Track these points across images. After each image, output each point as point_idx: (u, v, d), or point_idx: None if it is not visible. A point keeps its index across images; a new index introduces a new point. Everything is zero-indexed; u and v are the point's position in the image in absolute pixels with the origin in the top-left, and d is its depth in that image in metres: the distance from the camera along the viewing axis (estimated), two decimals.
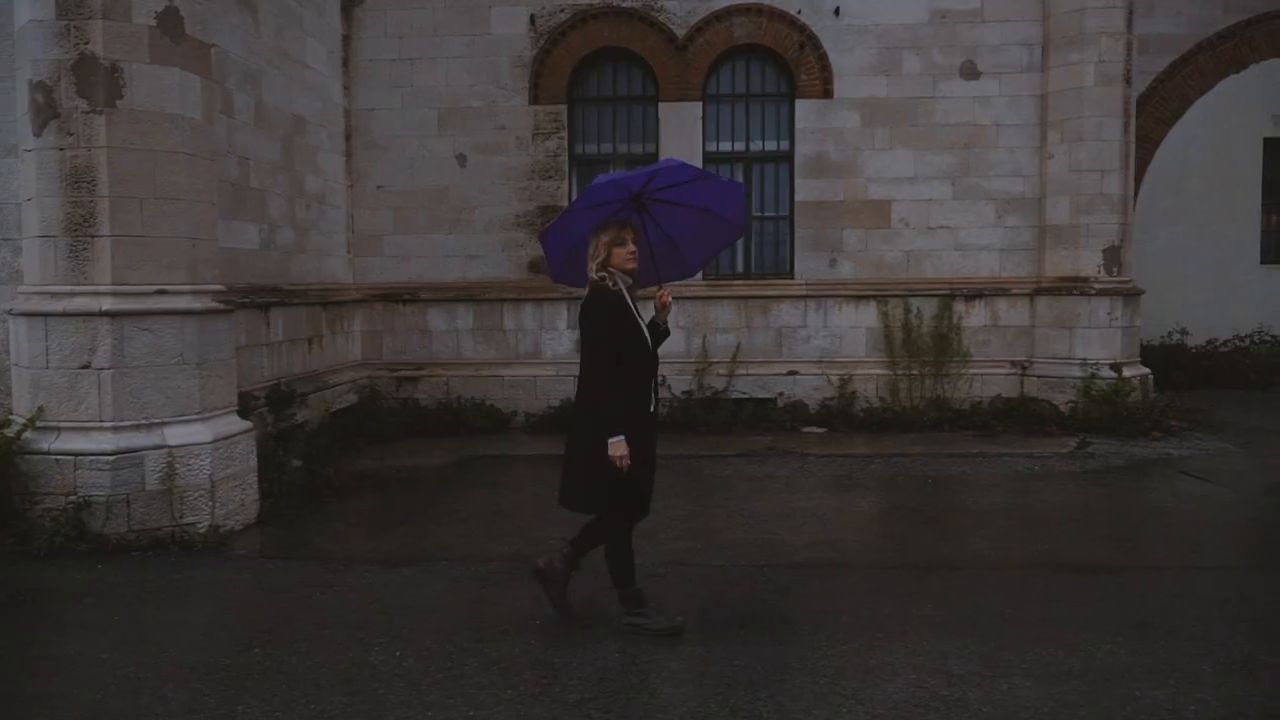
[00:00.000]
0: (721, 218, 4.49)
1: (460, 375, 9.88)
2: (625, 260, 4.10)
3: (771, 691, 3.67)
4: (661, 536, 5.99)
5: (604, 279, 4.07)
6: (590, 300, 4.10)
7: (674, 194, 4.33)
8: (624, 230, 4.12)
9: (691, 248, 4.61)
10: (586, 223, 4.19)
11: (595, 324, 4.06)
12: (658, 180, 4.22)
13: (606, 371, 4.02)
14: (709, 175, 4.48)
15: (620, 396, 4.01)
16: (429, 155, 9.91)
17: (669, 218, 4.42)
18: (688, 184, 4.30)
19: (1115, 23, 9.11)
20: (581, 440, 4.13)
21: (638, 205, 4.27)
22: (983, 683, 3.72)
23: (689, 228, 4.49)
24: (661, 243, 4.47)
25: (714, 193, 4.41)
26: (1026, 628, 4.29)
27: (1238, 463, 8.10)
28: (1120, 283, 9.34)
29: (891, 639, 4.18)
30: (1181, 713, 3.45)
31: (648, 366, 4.17)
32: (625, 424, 3.99)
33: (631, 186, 4.19)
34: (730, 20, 9.72)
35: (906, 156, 9.69)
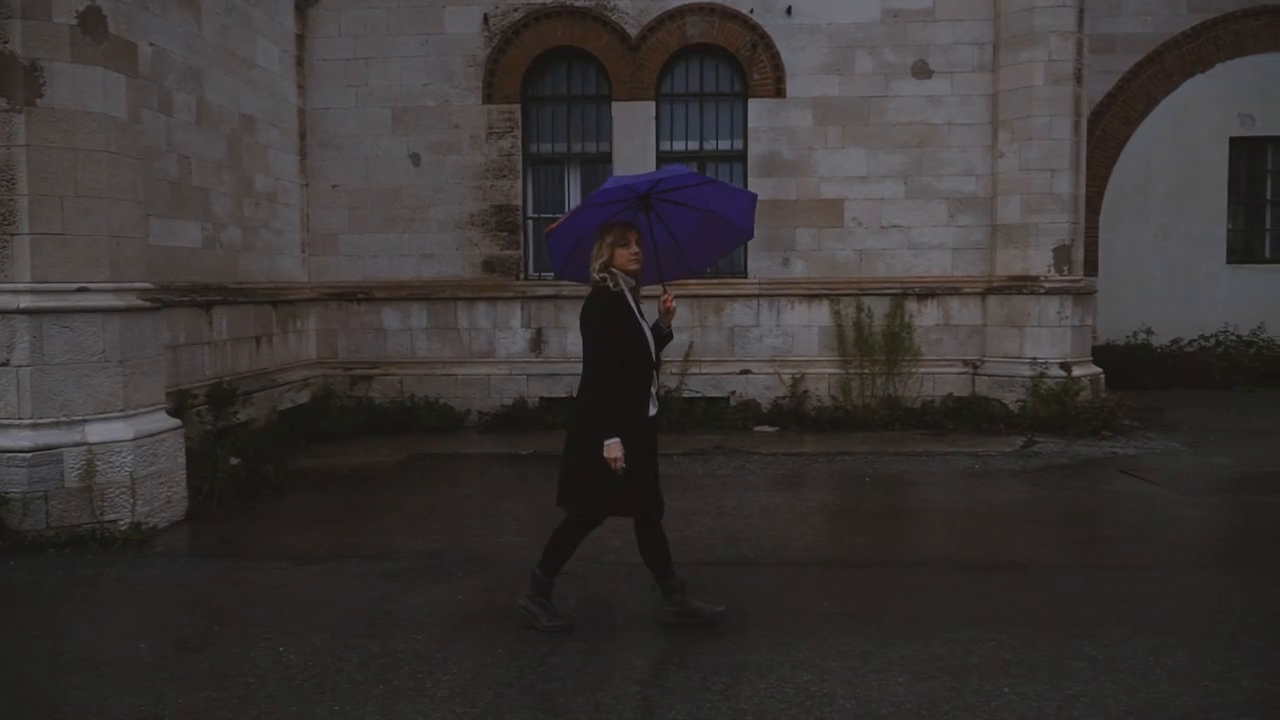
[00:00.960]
0: (730, 221, 4.48)
1: (414, 374, 9.90)
2: (628, 261, 4.09)
3: (643, 687, 3.69)
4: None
5: (606, 279, 4.07)
6: (592, 300, 4.10)
7: (682, 195, 4.34)
8: (628, 231, 4.12)
9: (697, 248, 4.60)
10: (593, 220, 4.21)
11: (597, 324, 4.07)
12: (665, 183, 4.22)
13: (608, 372, 4.01)
14: (720, 182, 4.49)
15: (622, 398, 4.00)
16: (383, 154, 9.93)
17: (676, 218, 4.42)
18: (696, 187, 4.32)
19: (1065, 22, 9.11)
20: (581, 441, 4.11)
21: (645, 204, 4.29)
22: (855, 679, 3.72)
23: (693, 228, 4.49)
24: (666, 242, 4.49)
25: (725, 197, 4.41)
26: (918, 625, 4.29)
27: (1183, 462, 8.10)
28: (1070, 282, 9.33)
29: (780, 636, 4.18)
30: (1044, 709, 3.46)
31: (648, 368, 4.16)
32: (625, 425, 3.98)
33: (639, 188, 4.20)
34: (683, 20, 9.73)
35: (859, 155, 9.70)
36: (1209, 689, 3.61)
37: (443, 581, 4.98)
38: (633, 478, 4.04)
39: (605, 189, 4.09)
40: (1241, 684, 3.65)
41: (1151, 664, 3.84)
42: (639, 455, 4.05)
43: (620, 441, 3.95)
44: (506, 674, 3.80)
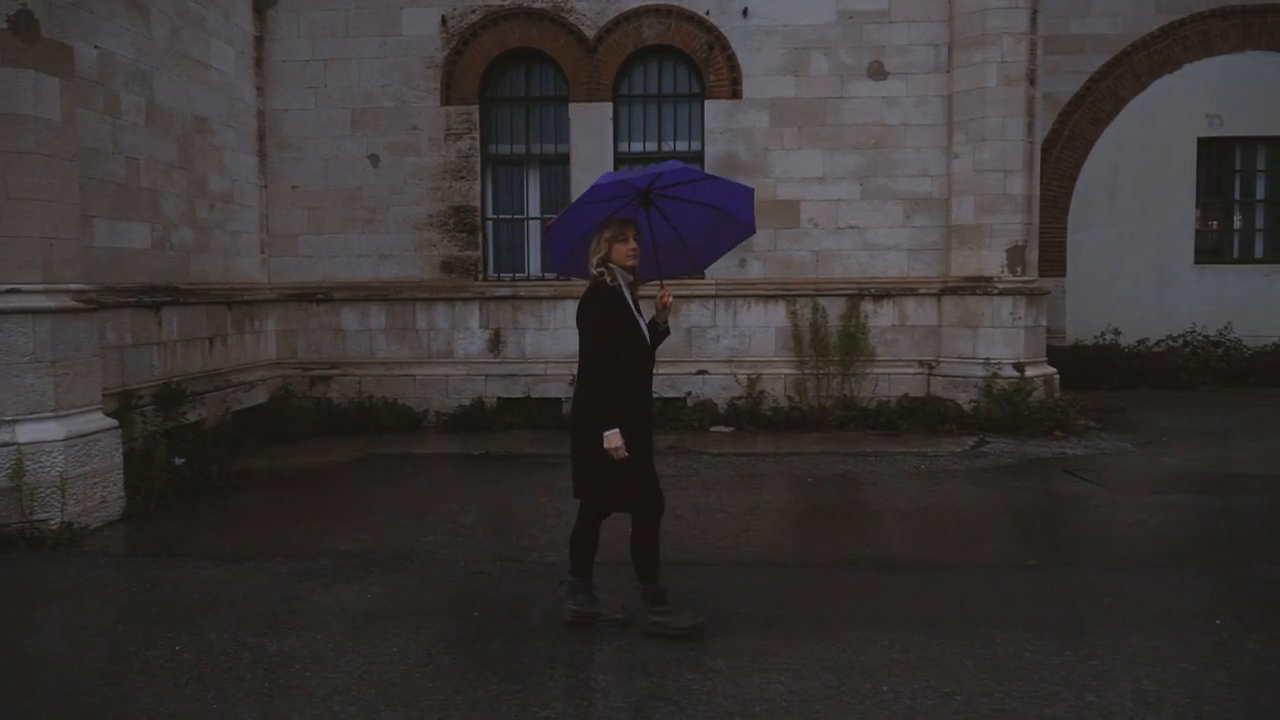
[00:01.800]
0: (732, 217, 4.47)
1: (373, 374, 9.93)
2: (626, 257, 4.11)
3: (524, 686, 3.70)
4: (513, 532, 6.05)
5: (603, 274, 4.09)
6: (589, 295, 4.12)
7: (683, 191, 4.34)
8: (626, 227, 4.13)
9: (700, 243, 4.60)
10: (592, 216, 4.21)
11: (594, 319, 4.08)
12: (665, 179, 4.21)
13: (604, 366, 4.04)
14: (717, 177, 4.47)
15: (619, 391, 4.02)
16: (342, 155, 9.96)
17: (678, 214, 4.42)
18: (696, 183, 4.32)
19: (1018, 23, 9.13)
20: (581, 437, 4.13)
21: (645, 200, 4.29)
22: (739, 677, 3.75)
23: (699, 223, 4.48)
24: (667, 238, 4.48)
25: (725, 193, 4.40)
26: (820, 624, 4.32)
27: (1130, 462, 8.12)
28: (1024, 282, 9.35)
29: (672, 634, 4.22)
30: (916, 708, 3.48)
31: (645, 363, 4.18)
32: (624, 421, 4.00)
33: (638, 184, 4.20)
34: (639, 21, 9.75)
35: (815, 156, 9.72)
36: (1086, 688, 3.63)
37: (357, 581, 5.01)
38: (632, 473, 4.08)
39: (600, 184, 4.09)
40: (1119, 684, 3.67)
41: (1036, 663, 3.86)
42: (637, 451, 4.08)
43: (620, 432, 3.97)
44: (394, 673, 3.83)
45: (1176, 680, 3.69)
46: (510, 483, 7.55)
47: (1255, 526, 6.09)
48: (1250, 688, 3.62)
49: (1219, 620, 4.31)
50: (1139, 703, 3.50)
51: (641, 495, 4.18)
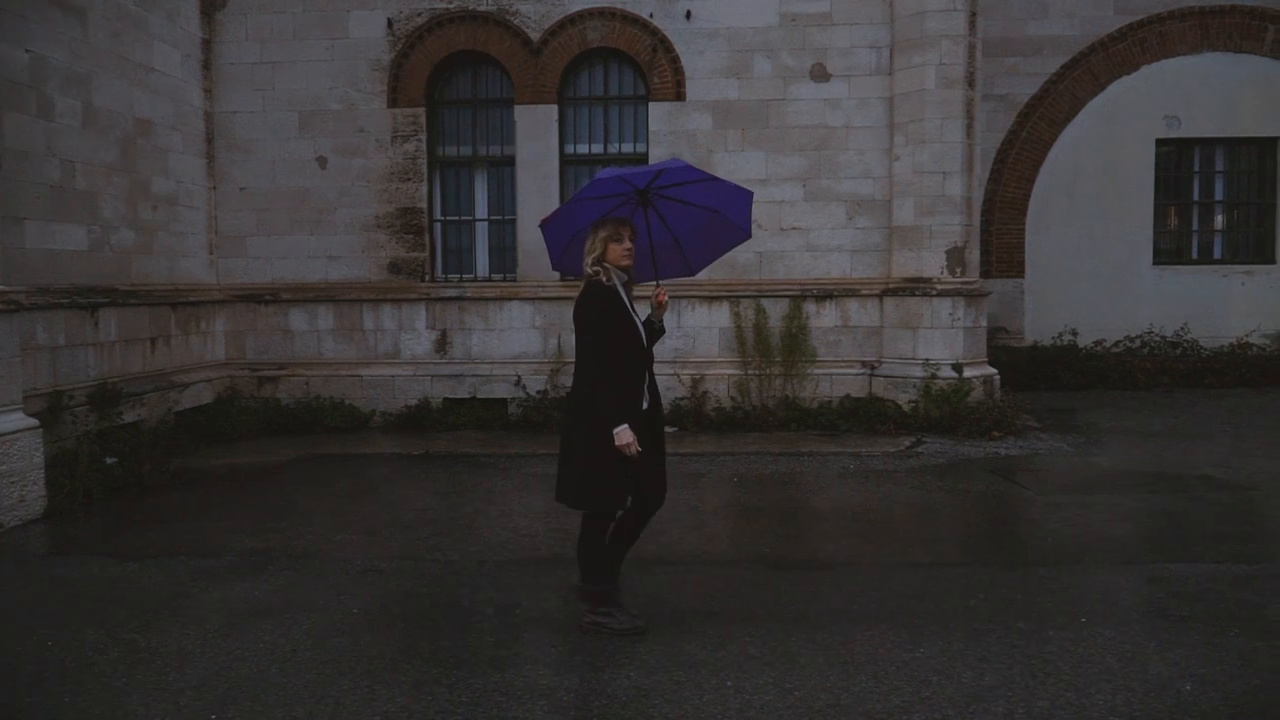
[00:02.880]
0: (729, 220, 4.48)
1: (320, 375, 10.00)
2: (621, 256, 4.11)
3: (372, 681, 3.76)
4: (424, 531, 6.10)
5: (598, 274, 4.08)
6: (585, 295, 4.11)
7: (682, 192, 4.34)
8: (621, 227, 4.13)
9: (695, 247, 4.60)
10: (590, 213, 4.21)
11: (589, 318, 4.07)
12: (665, 178, 4.22)
13: (601, 366, 4.02)
14: (718, 179, 4.46)
15: (614, 392, 4.01)
16: (290, 157, 10.03)
17: (675, 215, 4.43)
18: (696, 184, 4.31)
19: (956, 26, 9.17)
20: (577, 437, 4.10)
21: (643, 200, 4.28)
22: (589, 674, 3.80)
23: (694, 227, 4.49)
24: (664, 239, 4.48)
25: (724, 195, 4.39)
26: (681, 621, 4.37)
27: (1061, 462, 8.17)
28: (963, 283, 9.40)
29: (542, 630, 4.28)
30: (750, 701, 3.54)
31: (641, 362, 4.17)
32: (626, 417, 3.97)
33: (637, 183, 4.20)
34: (584, 24, 9.81)
35: (758, 158, 9.77)
36: (926, 683, 3.68)
37: (251, 578, 5.07)
38: (631, 471, 4.06)
39: (600, 180, 4.09)
40: (960, 679, 3.72)
41: (887, 659, 3.92)
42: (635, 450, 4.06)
43: (630, 427, 3.95)
44: (252, 669, 3.89)
45: (1020, 677, 3.74)
46: (440, 483, 7.62)
47: (1160, 526, 6.14)
48: (1088, 684, 3.67)
49: (1084, 619, 4.35)
50: (973, 697, 3.56)
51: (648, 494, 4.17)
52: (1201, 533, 5.89)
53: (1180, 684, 3.66)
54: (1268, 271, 13.17)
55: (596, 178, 4.11)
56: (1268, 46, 12.96)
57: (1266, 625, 4.24)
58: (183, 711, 3.51)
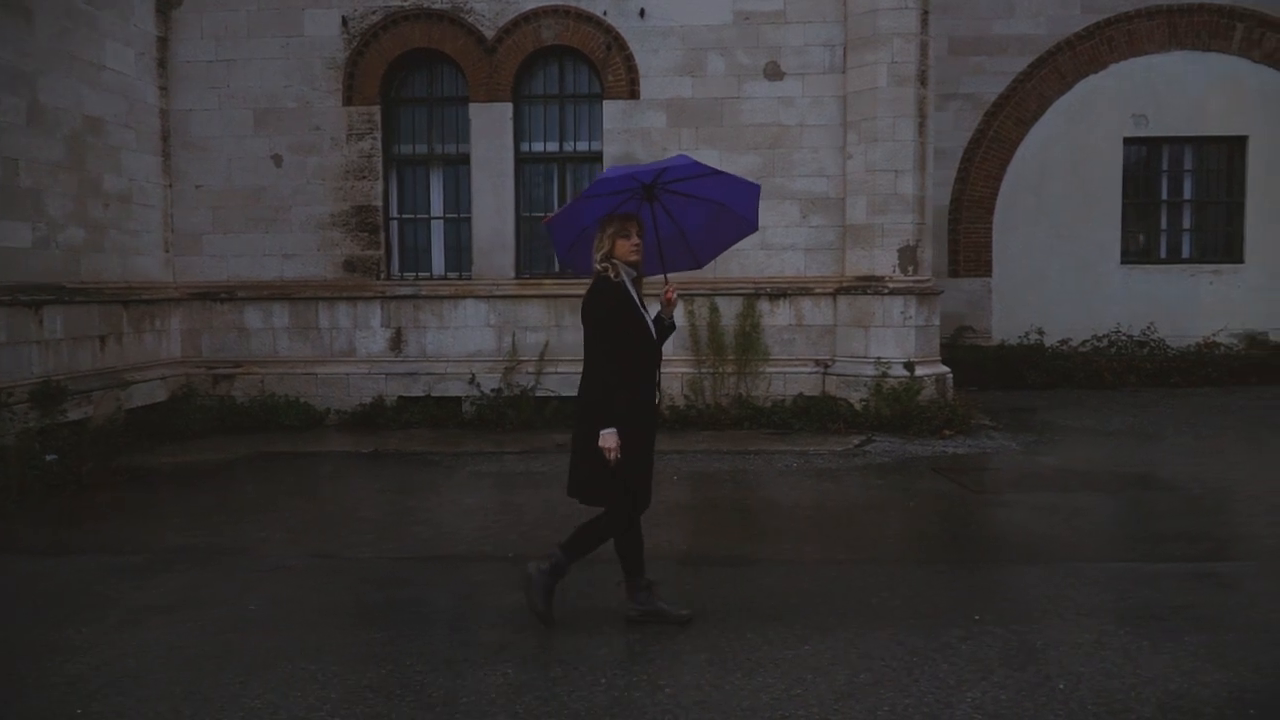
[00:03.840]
0: (735, 213, 4.48)
1: (276, 373, 10.00)
2: (629, 252, 4.10)
3: (246, 676, 3.75)
4: (348, 528, 6.09)
5: (607, 270, 4.08)
6: (593, 291, 4.11)
7: (687, 186, 4.34)
8: (628, 222, 4.13)
9: (701, 240, 4.61)
10: (597, 210, 4.21)
11: (598, 315, 4.07)
12: (670, 173, 4.22)
13: (609, 363, 4.03)
14: (724, 172, 4.46)
15: (623, 389, 4.01)
16: (246, 155, 10.03)
17: (681, 209, 4.42)
18: (702, 178, 4.31)
19: (908, 24, 9.15)
20: (586, 433, 4.10)
21: (649, 195, 4.28)
22: (476, 671, 3.79)
23: (701, 220, 4.49)
24: (671, 233, 4.48)
25: (730, 189, 4.40)
26: (587, 618, 4.37)
27: (1006, 461, 8.16)
28: (915, 282, 9.38)
29: (434, 626, 4.28)
30: (619, 698, 3.53)
31: (650, 359, 4.17)
32: (628, 415, 4.00)
33: (643, 178, 4.21)
34: (538, 22, 9.81)
35: (713, 156, 9.73)
36: (799, 680, 3.67)
37: (162, 575, 5.07)
38: (640, 467, 4.07)
39: (606, 178, 4.09)
40: (835, 677, 3.71)
41: (766, 657, 3.90)
42: (644, 445, 4.09)
43: (616, 432, 3.96)
44: (134, 664, 3.88)
45: (895, 674, 3.73)
46: (381, 481, 7.62)
47: (1083, 525, 6.11)
48: (963, 681, 3.66)
49: (978, 616, 4.34)
50: (842, 695, 3.55)
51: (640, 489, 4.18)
52: (1123, 532, 5.89)
53: (1056, 682, 3.65)
54: (1236, 271, 13.15)
55: (601, 175, 4.11)
56: (1236, 45, 12.93)
57: (1160, 624, 4.23)
58: (53, 704, 3.51)
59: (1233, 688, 3.57)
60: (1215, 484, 7.14)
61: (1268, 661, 3.81)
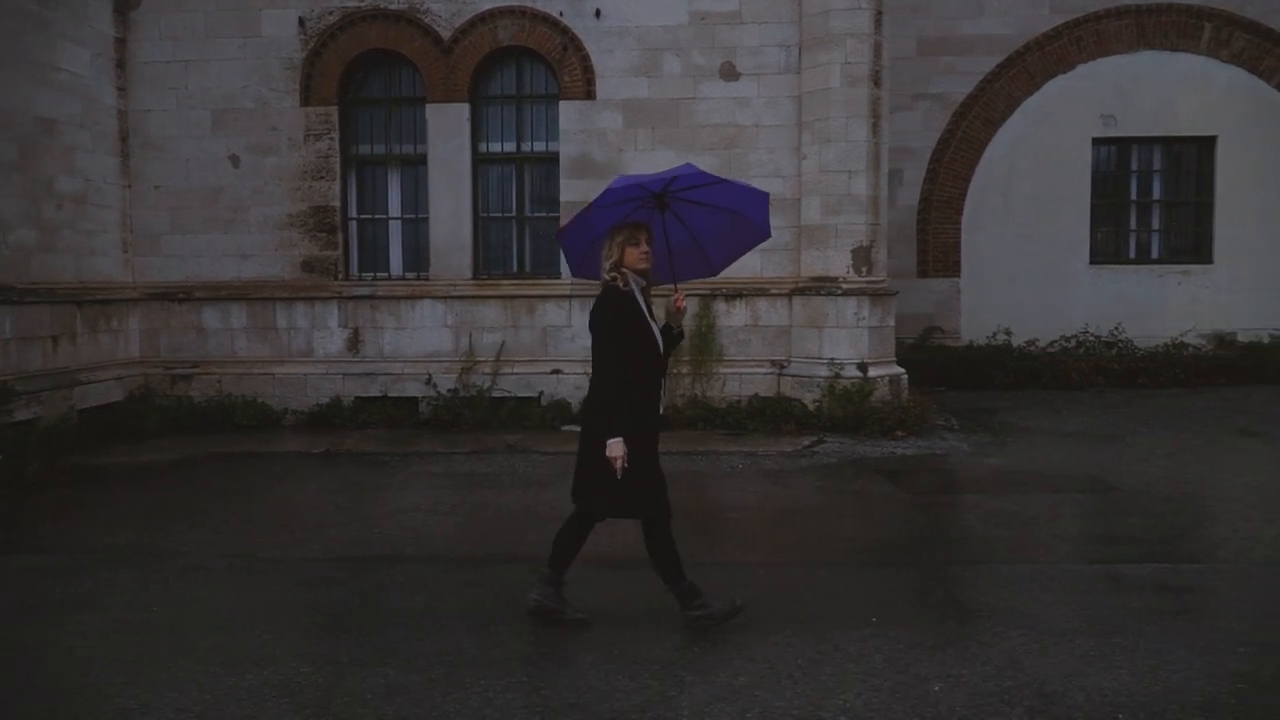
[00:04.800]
0: (747, 220, 4.47)
1: (233, 373, 10.01)
2: (638, 260, 4.13)
3: (127, 679, 3.76)
4: (277, 529, 6.10)
5: (615, 279, 4.11)
6: (602, 300, 4.13)
7: (699, 194, 4.34)
8: (638, 231, 4.14)
9: (717, 247, 4.60)
10: (606, 219, 4.21)
11: (606, 324, 4.10)
12: (680, 182, 4.22)
13: (616, 372, 4.05)
14: (731, 181, 4.48)
15: (629, 397, 4.03)
16: (204, 156, 10.04)
17: (693, 216, 4.42)
18: (711, 186, 4.32)
19: (861, 24, 9.15)
20: (592, 440, 4.13)
21: (660, 204, 4.28)
22: (348, 673, 3.80)
23: (716, 227, 4.49)
24: (682, 241, 4.47)
25: (740, 197, 4.41)
26: (465, 618, 4.39)
27: (952, 463, 8.17)
28: (869, 283, 9.37)
29: (332, 630, 4.29)
30: (492, 700, 3.53)
31: (656, 368, 4.18)
32: (633, 424, 4.02)
33: (652, 187, 4.21)
34: (494, 23, 9.81)
35: (669, 157, 9.73)
36: (678, 682, 3.68)
37: (75, 575, 5.08)
38: (644, 477, 4.08)
39: (614, 188, 4.10)
40: (714, 679, 3.72)
41: (652, 659, 3.91)
42: (649, 455, 4.10)
43: (622, 441, 3.98)
44: (16, 665, 3.90)
45: (775, 677, 3.73)
46: (326, 481, 7.63)
47: (1004, 527, 6.10)
48: (840, 684, 3.67)
49: (874, 619, 4.34)
50: (715, 698, 3.55)
51: (651, 500, 4.17)
52: (1047, 534, 5.88)
53: (931, 684, 3.65)
54: (1204, 271, 13.14)
55: (610, 185, 4.13)
56: (1204, 45, 12.92)
57: (1046, 628, 4.23)
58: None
59: (1107, 691, 3.57)
60: (1157, 486, 7.12)
61: (1147, 666, 3.80)
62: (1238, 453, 8.50)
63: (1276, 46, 12.80)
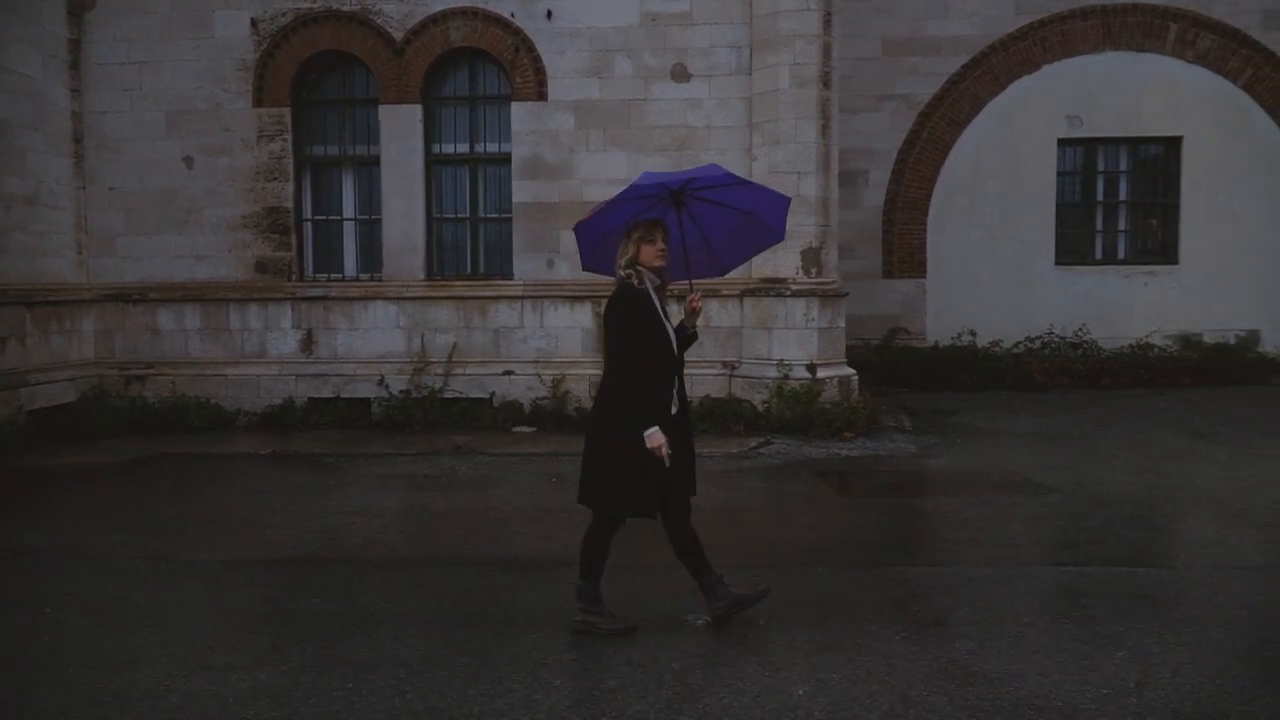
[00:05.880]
0: (764, 222, 4.47)
1: (187, 374, 10.03)
2: (654, 258, 4.11)
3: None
4: (199, 531, 6.11)
5: (630, 276, 4.09)
6: (616, 297, 4.13)
7: (717, 194, 4.34)
8: (654, 228, 4.13)
9: (726, 248, 4.59)
10: (622, 214, 4.21)
11: (620, 321, 4.09)
12: (698, 182, 4.23)
13: (631, 369, 4.03)
14: (755, 183, 4.47)
15: (645, 394, 4.01)
16: (158, 157, 10.05)
17: (708, 216, 4.42)
18: (733, 187, 4.32)
19: (809, 25, 9.14)
20: (600, 440, 4.13)
21: (676, 201, 4.27)
22: (218, 677, 3.79)
23: (728, 228, 4.49)
24: (696, 240, 4.45)
25: (760, 199, 4.41)
26: (371, 619, 4.40)
27: (894, 465, 8.16)
28: (818, 284, 9.37)
29: (217, 632, 4.30)
30: (353, 703, 3.54)
31: (671, 367, 4.16)
32: (654, 421, 3.98)
33: (672, 185, 4.21)
34: (446, 24, 9.81)
35: (620, 158, 9.75)
36: (547, 687, 3.68)
37: None
38: (664, 471, 4.03)
39: (637, 184, 4.10)
40: (584, 684, 3.73)
41: (535, 663, 3.90)
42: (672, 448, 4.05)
43: (660, 430, 3.95)
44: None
45: (643, 681, 3.72)
46: (265, 482, 7.65)
47: (920, 528, 6.11)
48: (707, 687, 3.66)
49: (763, 621, 4.33)
50: (577, 701, 3.55)
51: (673, 497, 4.16)
52: (962, 536, 5.87)
53: (796, 688, 3.64)
54: (1170, 272, 13.11)
55: (634, 181, 4.13)
56: (1170, 45, 12.89)
57: (933, 631, 4.22)
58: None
59: (957, 697, 3.56)
60: (1092, 488, 7.10)
61: (996, 671, 3.79)
62: (1185, 456, 8.46)
63: (1242, 47, 12.76)
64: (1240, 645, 4.08)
